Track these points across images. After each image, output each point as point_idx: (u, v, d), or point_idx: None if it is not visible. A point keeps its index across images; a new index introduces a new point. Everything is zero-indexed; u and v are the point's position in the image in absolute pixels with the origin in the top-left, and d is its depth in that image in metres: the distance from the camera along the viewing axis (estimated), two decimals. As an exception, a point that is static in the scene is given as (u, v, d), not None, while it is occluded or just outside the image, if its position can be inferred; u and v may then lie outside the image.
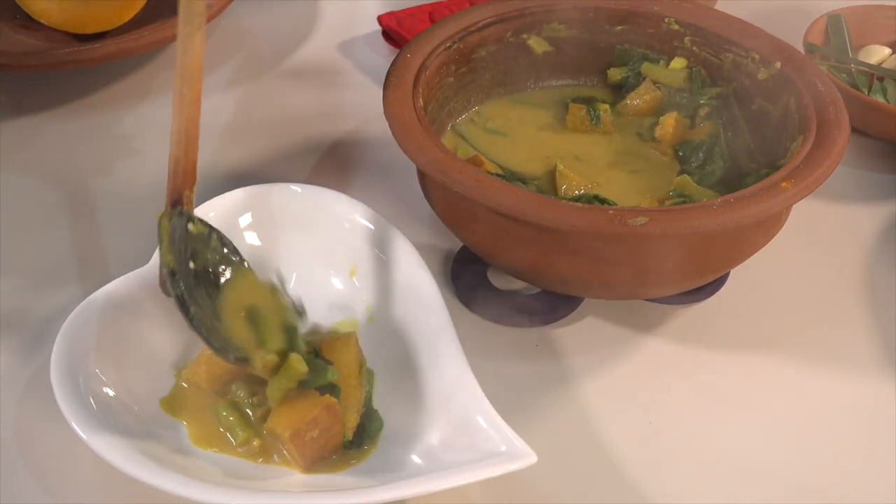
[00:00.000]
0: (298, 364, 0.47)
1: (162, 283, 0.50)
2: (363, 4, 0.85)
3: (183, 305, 0.47)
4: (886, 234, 0.63)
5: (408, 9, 0.81)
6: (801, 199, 0.49)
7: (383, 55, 0.79)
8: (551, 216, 0.47)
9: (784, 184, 0.49)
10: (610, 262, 0.50)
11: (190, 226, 0.48)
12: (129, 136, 0.70)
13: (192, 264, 0.49)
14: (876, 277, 0.60)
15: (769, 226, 0.53)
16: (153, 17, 0.75)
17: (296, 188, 0.56)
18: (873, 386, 0.54)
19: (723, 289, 0.58)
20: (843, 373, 0.54)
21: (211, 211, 0.53)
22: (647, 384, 0.53)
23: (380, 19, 0.80)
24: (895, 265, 0.61)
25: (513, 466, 0.43)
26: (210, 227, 0.50)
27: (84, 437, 0.44)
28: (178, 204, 0.49)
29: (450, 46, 0.61)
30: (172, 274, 0.47)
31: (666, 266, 0.51)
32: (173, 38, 0.72)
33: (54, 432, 0.48)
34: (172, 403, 0.49)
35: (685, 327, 0.56)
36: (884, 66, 0.72)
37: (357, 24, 0.83)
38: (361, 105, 0.74)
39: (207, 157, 0.68)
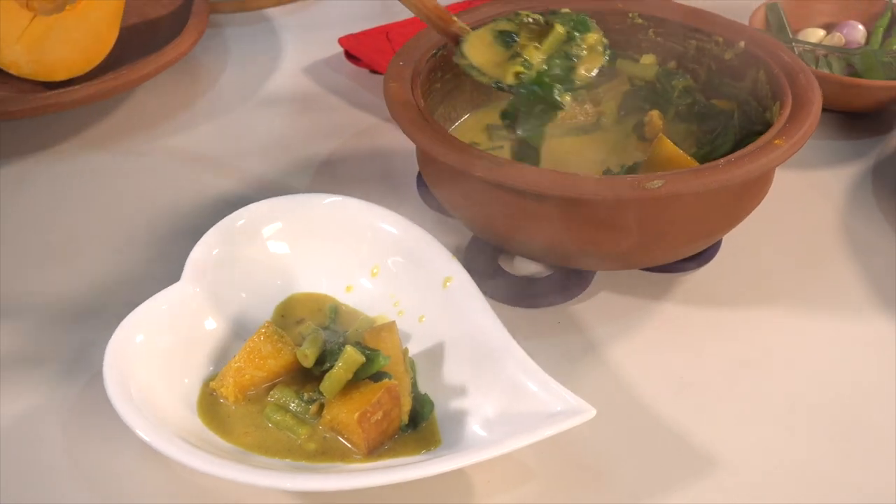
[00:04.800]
0: (355, 354, 0.48)
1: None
2: (318, 30, 0.88)
3: None
4: (854, 193, 0.68)
5: (366, 30, 0.84)
6: (795, 152, 0.53)
7: (349, 75, 0.82)
8: (575, 188, 0.50)
9: (777, 141, 0.53)
10: (625, 230, 0.53)
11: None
12: (122, 169, 0.71)
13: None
14: (852, 230, 0.65)
15: (761, 185, 0.57)
16: (119, 63, 0.76)
17: (320, 197, 0.57)
18: (870, 323, 0.58)
19: (717, 255, 0.62)
20: (841, 314, 0.59)
21: (240, 219, 0.55)
22: (670, 343, 0.56)
23: (341, 41, 0.83)
24: (866, 218, 0.66)
25: (573, 422, 0.45)
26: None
27: (148, 440, 0.44)
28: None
29: (435, 54, 0.64)
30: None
31: (678, 228, 0.54)
32: (152, 75, 0.74)
33: (106, 452, 0.49)
34: (207, 415, 0.50)
35: (693, 291, 0.60)
36: (822, 44, 0.78)
37: (317, 48, 0.86)
38: (339, 124, 0.76)
39: (200, 186, 0.69)
